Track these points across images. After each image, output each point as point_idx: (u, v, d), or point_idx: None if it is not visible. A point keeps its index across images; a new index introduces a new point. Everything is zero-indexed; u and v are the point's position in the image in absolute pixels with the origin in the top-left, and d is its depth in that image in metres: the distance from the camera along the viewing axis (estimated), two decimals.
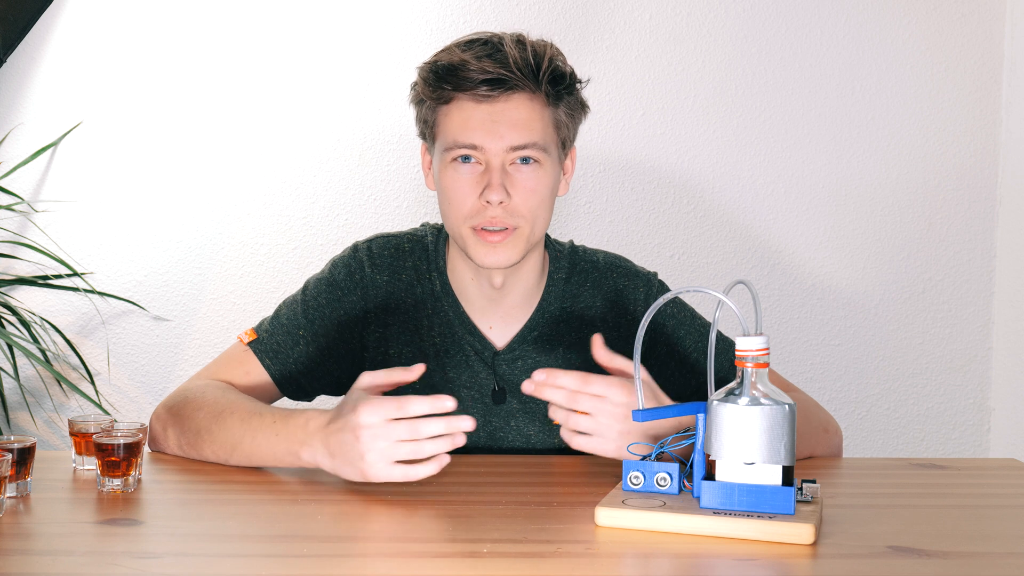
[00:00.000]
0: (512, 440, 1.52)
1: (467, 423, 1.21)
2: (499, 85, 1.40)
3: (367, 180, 2.30)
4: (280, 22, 2.27)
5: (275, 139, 2.28)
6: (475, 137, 1.41)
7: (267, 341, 1.52)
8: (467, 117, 1.42)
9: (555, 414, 1.29)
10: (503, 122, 1.41)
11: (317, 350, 1.52)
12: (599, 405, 1.26)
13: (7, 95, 2.23)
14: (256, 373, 1.51)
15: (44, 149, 2.22)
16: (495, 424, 1.52)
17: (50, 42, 2.23)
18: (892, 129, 2.37)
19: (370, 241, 1.57)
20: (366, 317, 1.53)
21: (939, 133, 2.38)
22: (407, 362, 1.52)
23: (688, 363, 1.54)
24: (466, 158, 1.42)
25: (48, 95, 2.23)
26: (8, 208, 2.18)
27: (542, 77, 1.41)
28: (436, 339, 1.53)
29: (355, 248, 1.57)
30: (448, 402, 1.21)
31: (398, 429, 1.20)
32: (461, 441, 1.22)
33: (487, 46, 1.42)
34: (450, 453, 1.49)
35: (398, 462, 1.20)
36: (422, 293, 1.54)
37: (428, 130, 1.48)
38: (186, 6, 2.25)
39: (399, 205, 2.30)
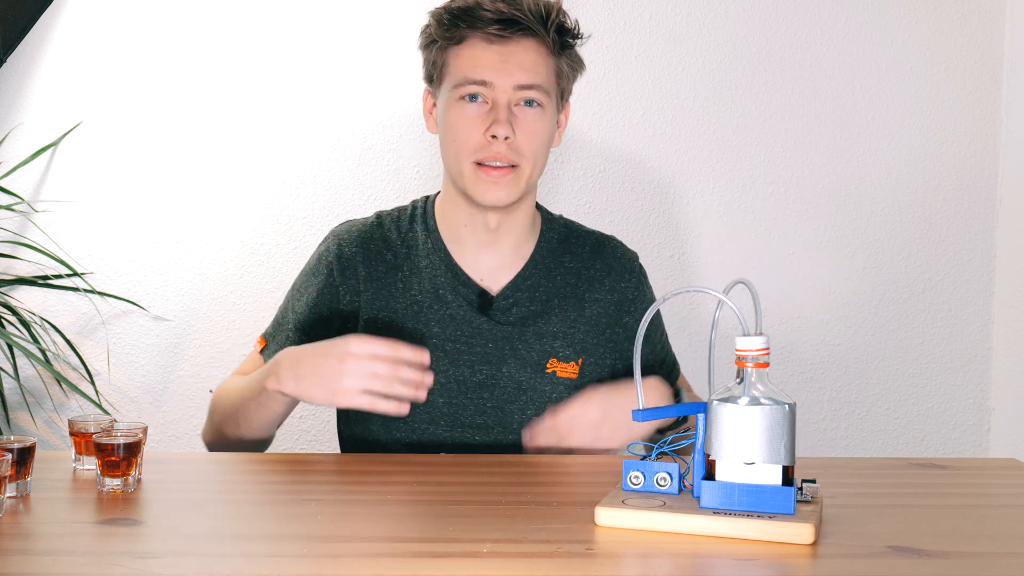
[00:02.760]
0: (505, 385, 1.56)
1: (430, 379, 1.38)
2: (511, 26, 1.49)
3: (367, 180, 2.30)
4: (280, 22, 2.27)
5: (275, 139, 2.28)
6: (485, 74, 1.49)
7: (275, 349, 1.59)
8: (478, 55, 1.50)
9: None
10: (512, 62, 1.49)
11: (309, 340, 1.54)
12: (575, 422, 1.45)
13: (7, 95, 2.23)
14: None
15: (44, 149, 2.22)
16: (488, 371, 1.55)
17: (50, 42, 2.23)
18: (892, 129, 2.38)
19: (339, 225, 1.67)
20: (338, 291, 1.59)
21: (939, 133, 2.38)
22: (382, 328, 1.59)
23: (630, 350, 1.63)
24: (474, 96, 1.50)
25: (48, 95, 2.23)
26: (8, 208, 2.18)
27: (550, 25, 1.51)
28: (416, 296, 1.58)
29: (328, 234, 1.67)
30: (425, 358, 1.37)
31: (379, 365, 1.34)
32: (422, 396, 1.38)
33: None
34: (453, 450, 1.51)
35: (367, 392, 1.34)
36: (394, 259, 1.60)
37: (436, 71, 1.56)
38: (186, 6, 2.25)
39: (399, 205, 2.29)
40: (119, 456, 1.23)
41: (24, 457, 1.20)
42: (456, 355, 1.55)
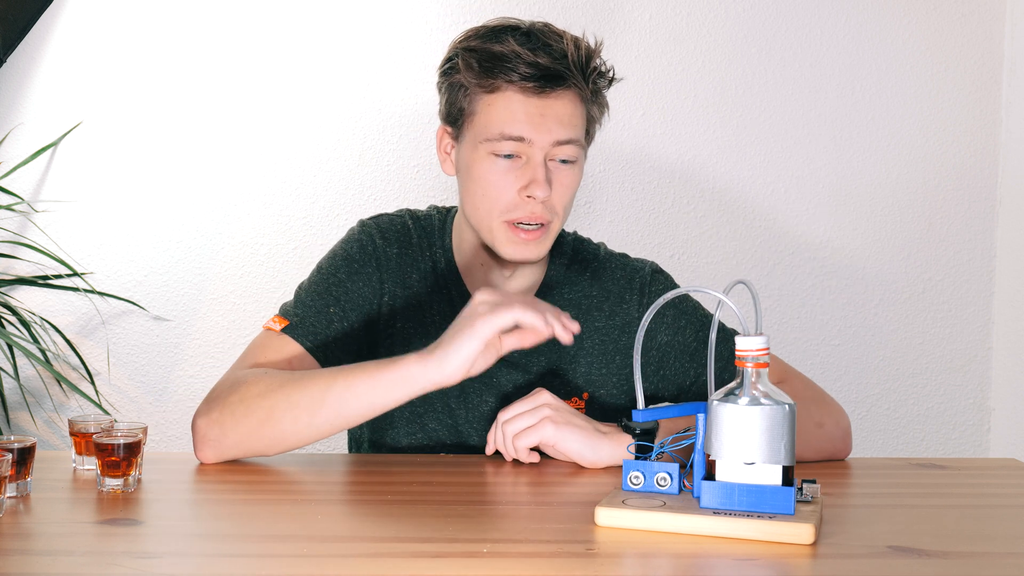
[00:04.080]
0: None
1: (575, 326, 1.28)
2: (554, 81, 1.39)
3: (367, 180, 2.30)
4: (280, 22, 2.27)
5: (275, 139, 2.28)
6: (523, 130, 1.39)
7: (299, 326, 1.45)
8: (515, 109, 1.39)
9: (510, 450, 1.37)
10: (550, 116, 1.40)
11: (348, 324, 1.49)
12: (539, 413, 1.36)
13: (7, 95, 2.23)
14: (298, 358, 1.44)
15: (44, 149, 2.22)
16: (492, 403, 1.52)
17: (50, 42, 2.23)
18: (892, 129, 2.38)
19: (375, 217, 1.56)
20: (382, 288, 1.51)
21: (939, 133, 2.38)
22: (409, 337, 1.50)
23: (688, 352, 1.55)
24: (509, 153, 1.40)
25: (48, 95, 2.23)
26: (8, 208, 2.18)
27: (589, 74, 1.42)
28: (436, 317, 1.52)
29: (362, 224, 1.55)
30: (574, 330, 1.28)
31: (511, 297, 1.27)
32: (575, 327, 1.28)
33: (533, 39, 1.40)
34: (453, 452, 1.50)
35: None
36: (426, 269, 1.53)
37: (462, 117, 1.44)
38: (186, 6, 2.25)
39: (399, 205, 2.29)
40: (119, 456, 1.23)
41: (24, 457, 1.20)
42: (466, 383, 1.48)
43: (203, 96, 2.26)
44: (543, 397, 1.36)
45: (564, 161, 1.42)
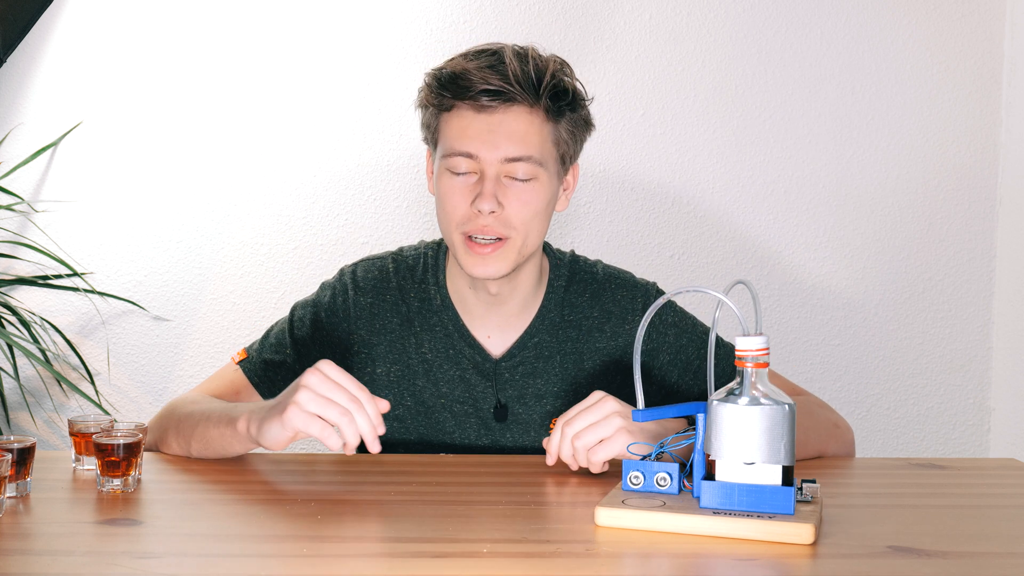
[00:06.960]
0: (511, 449, 1.54)
1: (381, 430, 1.26)
2: (498, 96, 1.42)
3: (367, 180, 2.30)
4: (280, 22, 2.27)
5: (275, 139, 2.28)
6: (471, 145, 1.43)
7: (255, 360, 1.56)
8: (465, 125, 1.43)
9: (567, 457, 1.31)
10: (500, 132, 1.42)
11: (303, 368, 1.50)
12: (602, 419, 1.29)
13: (7, 95, 2.23)
14: (245, 392, 1.55)
15: (44, 149, 2.22)
16: (492, 436, 1.53)
17: (50, 42, 2.23)
18: (892, 129, 2.38)
19: (355, 265, 1.60)
20: (351, 339, 1.55)
21: (939, 133, 2.38)
22: (394, 380, 1.54)
23: (691, 370, 1.55)
24: (462, 166, 1.44)
25: (48, 95, 2.23)
26: (8, 208, 2.18)
27: (542, 92, 1.42)
28: (427, 355, 1.54)
29: (341, 272, 1.60)
30: (383, 407, 1.27)
31: (339, 394, 1.25)
32: (373, 448, 1.27)
33: (492, 57, 1.44)
34: (453, 453, 1.51)
35: (318, 416, 1.24)
36: (408, 312, 1.55)
37: (431, 135, 1.51)
38: (186, 6, 2.25)
39: (399, 205, 2.30)
40: (119, 456, 1.23)
41: (24, 457, 1.20)
42: (463, 417, 1.52)
43: (203, 96, 2.26)
44: (610, 405, 1.29)
45: (521, 175, 1.43)
